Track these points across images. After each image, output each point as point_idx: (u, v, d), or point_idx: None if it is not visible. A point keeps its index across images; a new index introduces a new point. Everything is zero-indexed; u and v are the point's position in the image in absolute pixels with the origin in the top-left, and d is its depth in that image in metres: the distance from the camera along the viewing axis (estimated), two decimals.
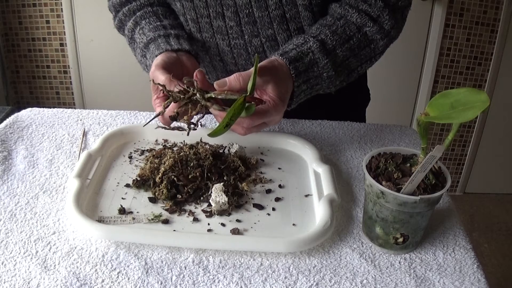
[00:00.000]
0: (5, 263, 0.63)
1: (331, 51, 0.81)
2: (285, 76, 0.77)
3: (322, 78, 0.81)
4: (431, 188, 0.64)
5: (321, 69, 0.80)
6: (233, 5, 0.88)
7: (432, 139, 2.34)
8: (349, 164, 0.88)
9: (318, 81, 0.81)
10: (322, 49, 0.80)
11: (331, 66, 0.81)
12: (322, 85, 0.82)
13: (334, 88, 0.85)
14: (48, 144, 0.89)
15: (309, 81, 0.80)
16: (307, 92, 0.82)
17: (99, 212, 0.72)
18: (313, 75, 0.80)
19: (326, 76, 0.81)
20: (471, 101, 0.59)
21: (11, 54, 2.20)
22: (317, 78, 0.81)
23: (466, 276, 0.65)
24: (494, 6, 2.07)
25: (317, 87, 0.82)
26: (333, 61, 0.81)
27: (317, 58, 0.80)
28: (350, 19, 0.83)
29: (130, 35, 0.94)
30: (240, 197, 0.76)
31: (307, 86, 0.80)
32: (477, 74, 2.21)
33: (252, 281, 0.63)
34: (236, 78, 0.72)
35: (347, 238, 0.71)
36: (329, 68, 0.80)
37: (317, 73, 0.81)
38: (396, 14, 0.85)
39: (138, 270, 0.63)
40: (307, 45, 0.80)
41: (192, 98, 0.71)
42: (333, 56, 0.81)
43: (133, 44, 0.94)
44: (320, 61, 0.80)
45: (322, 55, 0.80)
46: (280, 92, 0.74)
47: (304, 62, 0.79)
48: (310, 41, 0.81)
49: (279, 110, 0.74)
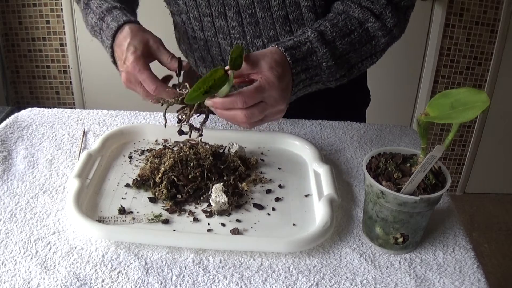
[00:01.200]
0: (5, 263, 0.63)
1: (330, 42, 0.80)
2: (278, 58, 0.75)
3: (322, 69, 0.80)
4: (431, 188, 0.64)
5: (320, 58, 0.79)
6: (235, 5, 0.88)
7: (432, 139, 2.34)
8: (349, 164, 0.88)
9: (318, 71, 0.80)
10: (320, 38, 0.79)
11: (330, 56, 0.79)
12: (322, 76, 0.81)
13: (335, 82, 0.83)
14: (48, 144, 0.89)
15: (308, 70, 0.79)
16: (306, 83, 0.80)
17: (99, 212, 0.72)
18: (312, 64, 0.79)
19: (325, 66, 0.80)
20: (471, 101, 0.59)
21: (11, 54, 2.20)
22: (316, 68, 0.79)
23: (466, 276, 0.65)
24: (494, 6, 2.06)
25: (316, 77, 0.81)
26: (332, 52, 0.80)
27: (315, 47, 0.79)
28: (352, 14, 0.83)
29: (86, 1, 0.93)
30: (240, 197, 0.76)
31: (306, 75, 0.79)
32: (477, 74, 2.21)
33: (252, 281, 0.63)
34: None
35: (347, 238, 0.71)
36: (328, 58, 0.79)
37: (316, 63, 0.79)
38: (399, 13, 0.84)
39: (138, 270, 0.63)
40: (305, 35, 0.79)
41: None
42: (332, 48, 0.80)
43: (87, 9, 0.92)
44: (319, 51, 0.79)
45: (320, 44, 0.79)
46: (271, 68, 0.72)
47: (301, 51, 0.78)
48: (308, 31, 0.80)
49: (274, 85, 0.71)
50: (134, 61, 0.78)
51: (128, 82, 0.81)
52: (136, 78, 0.79)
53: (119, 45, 0.82)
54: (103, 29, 0.86)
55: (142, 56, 0.79)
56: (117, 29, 0.83)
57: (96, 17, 0.88)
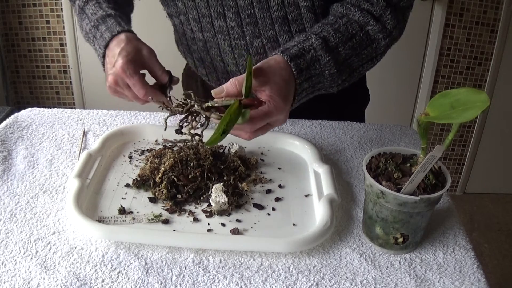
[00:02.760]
0: (5, 263, 0.63)
1: (334, 49, 0.80)
2: (285, 74, 0.75)
3: (324, 76, 0.80)
4: (431, 188, 0.64)
5: (323, 67, 0.79)
6: (234, 6, 0.88)
7: (432, 139, 2.34)
8: (349, 164, 0.88)
9: (320, 79, 0.80)
10: (324, 46, 0.79)
11: (333, 63, 0.79)
12: (324, 83, 0.81)
13: (337, 87, 0.84)
14: (48, 144, 0.89)
15: (311, 79, 0.79)
16: (309, 91, 0.80)
17: (99, 212, 0.72)
18: (315, 73, 0.79)
19: (328, 74, 0.80)
20: (471, 101, 0.59)
21: (11, 54, 2.20)
22: (319, 76, 0.80)
23: (466, 276, 0.65)
24: (494, 6, 2.06)
25: (319, 85, 0.81)
26: (336, 59, 0.80)
27: (319, 55, 0.78)
28: (353, 17, 0.83)
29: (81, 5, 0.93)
30: (240, 197, 0.76)
31: (309, 84, 0.79)
32: (477, 74, 2.21)
33: (252, 281, 0.63)
34: (232, 83, 0.71)
35: (347, 238, 0.71)
36: (331, 65, 0.79)
37: (319, 71, 0.79)
38: (398, 15, 0.84)
39: (138, 270, 0.63)
40: (309, 42, 0.79)
41: (191, 110, 0.71)
42: (335, 54, 0.80)
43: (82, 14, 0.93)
44: (322, 59, 0.78)
45: (324, 52, 0.78)
46: (280, 90, 0.72)
47: (305, 59, 0.77)
48: (312, 38, 0.79)
49: (281, 109, 0.72)
50: (125, 65, 0.79)
51: (115, 84, 0.81)
52: (124, 81, 0.80)
53: (112, 49, 0.83)
54: (97, 38, 0.87)
55: (133, 61, 0.80)
56: (110, 39, 0.84)
57: (91, 24, 0.89)
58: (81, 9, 0.92)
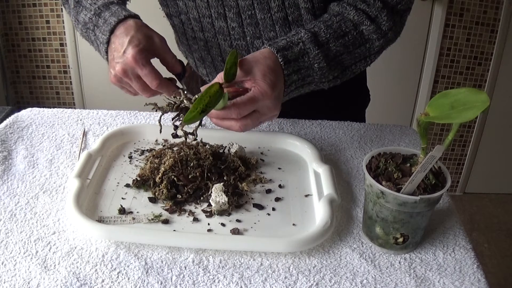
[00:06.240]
0: (5, 263, 0.63)
1: (324, 44, 0.80)
2: (270, 62, 0.74)
3: (314, 70, 0.80)
4: (431, 188, 0.64)
5: (312, 60, 0.79)
6: (235, 6, 0.88)
7: (432, 139, 2.34)
8: (349, 164, 0.88)
9: (310, 72, 0.80)
10: (313, 39, 0.79)
11: (323, 57, 0.79)
12: (314, 77, 0.81)
13: (328, 83, 0.83)
14: (48, 144, 0.89)
15: (300, 71, 0.78)
16: (298, 84, 0.80)
17: (99, 212, 0.72)
18: (304, 65, 0.79)
19: (317, 68, 0.79)
20: (471, 101, 0.59)
21: (11, 54, 2.20)
22: (308, 69, 0.79)
23: (466, 276, 0.65)
24: (494, 6, 2.06)
25: (309, 78, 0.81)
26: (325, 54, 0.80)
27: (308, 48, 0.78)
28: (347, 16, 0.83)
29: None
30: (240, 197, 0.76)
31: (298, 76, 0.79)
32: (477, 74, 2.21)
33: (252, 281, 0.63)
34: (219, 77, 0.72)
35: (347, 238, 0.71)
36: (320, 59, 0.79)
37: (308, 64, 0.79)
38: (394, 17, 0.84)
39: (138, 270, 0.63)
40: (298, 35, 0.79)
41: (181, 106, 0.72)
42: (325, 49, 0.80)
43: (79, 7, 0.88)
44: (311, 52, 0.78)
45: (313, 46, 0.79)
46: (264, 76, 0.72)
47: (293, 51, 0.77)
48: (301, 32, 0.80)
49: (266, 94, 0.71)
50: (137, 54, 0.75)
51: (123, 74, 0.77)
52: (134, 72, 0.76)
53: (119, 36, 0.78)
54: (99, 25, 0.82)
55: (145, 51, 0.76)
56: (116, 23, 0.79)
57: (91, 13, 0.84)
58: (77, 2, 0.88)
